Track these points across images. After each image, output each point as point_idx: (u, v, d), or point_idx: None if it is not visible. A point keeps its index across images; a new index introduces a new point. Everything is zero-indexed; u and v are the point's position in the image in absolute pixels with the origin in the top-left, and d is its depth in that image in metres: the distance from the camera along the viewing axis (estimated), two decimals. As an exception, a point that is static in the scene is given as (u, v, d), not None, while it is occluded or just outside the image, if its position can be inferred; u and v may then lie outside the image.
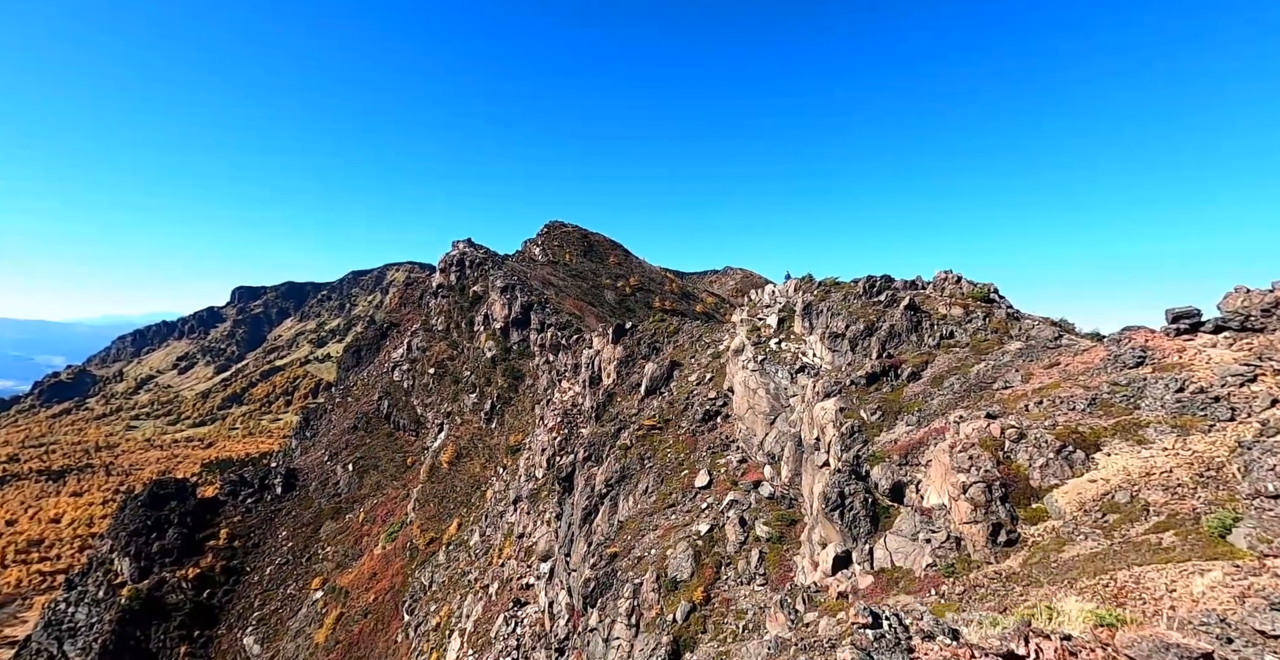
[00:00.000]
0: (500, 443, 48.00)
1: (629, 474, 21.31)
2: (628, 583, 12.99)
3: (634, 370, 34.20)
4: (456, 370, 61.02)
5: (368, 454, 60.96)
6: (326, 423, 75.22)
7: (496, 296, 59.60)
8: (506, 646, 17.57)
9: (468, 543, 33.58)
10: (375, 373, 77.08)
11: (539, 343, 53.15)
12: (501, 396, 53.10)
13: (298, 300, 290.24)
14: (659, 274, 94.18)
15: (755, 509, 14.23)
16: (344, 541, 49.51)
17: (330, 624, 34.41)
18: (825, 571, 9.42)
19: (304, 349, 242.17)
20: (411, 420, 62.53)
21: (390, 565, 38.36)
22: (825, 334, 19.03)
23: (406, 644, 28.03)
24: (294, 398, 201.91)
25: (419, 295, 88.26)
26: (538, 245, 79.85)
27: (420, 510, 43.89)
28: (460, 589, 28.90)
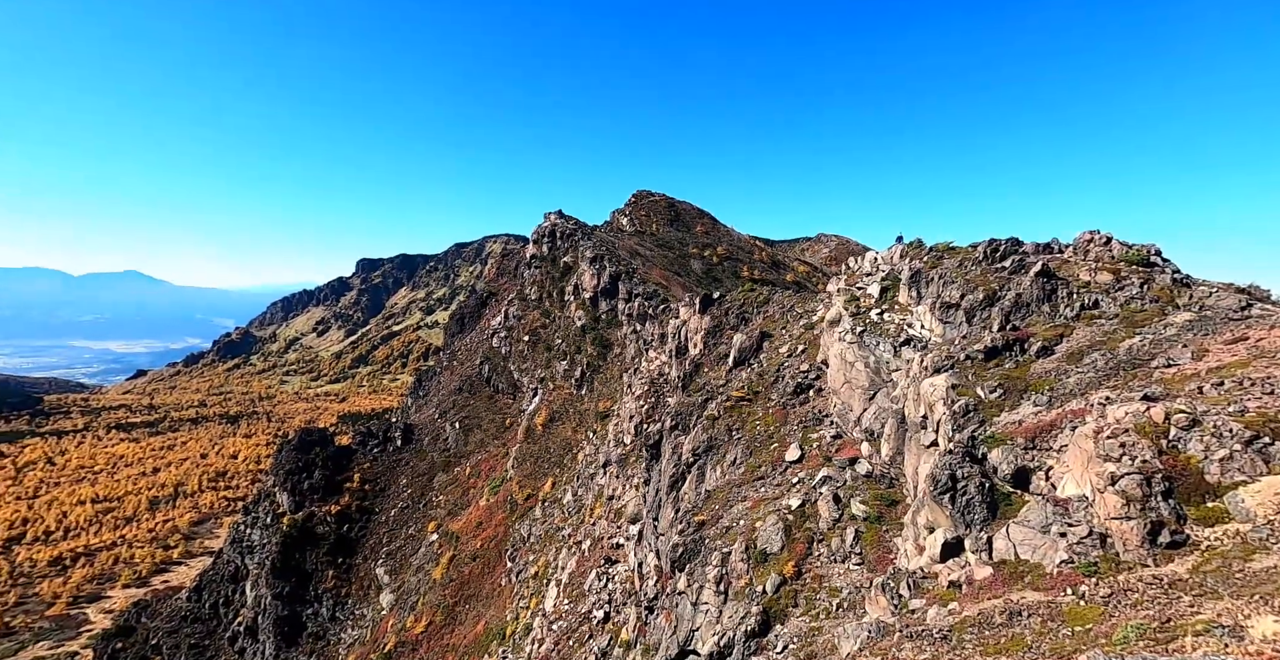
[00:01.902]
0: (590, 408, 49.88)
1: (716, 444, 21.22)
2: (716, 551, 13.04)
3: (721, 341, 33.67)
4: (549, 338, 63.72)
5: (471, 414, 66.00)
6: (436, 384, 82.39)
7: (585, 267, 60.93)
8: (599, 600, 18.60)
9: (561, 501, 35.71)
10: (476, 339, 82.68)
11: (626, 312, 53.94)
12: (591, 364, 54.83)
13: (410, 271, 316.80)
14: (747, 242, 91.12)
15: (851, 486, 13.58)
16: (453, 492, 54.76)
17: (444, 564, 38.61)
18: (933, 557, 8.78)
19: (416, 316, 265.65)
20: (509, 384, 66.66)
21: (493, 516, 41.94)
22: (936, 304, 17.33)
23: (509, 588, 30.77)
24: (409, 360, 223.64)
25: (514, 266, 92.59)
26: (625, 215, 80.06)
27: (518, 468, 47.15)
28: (555, 543, 30.97)
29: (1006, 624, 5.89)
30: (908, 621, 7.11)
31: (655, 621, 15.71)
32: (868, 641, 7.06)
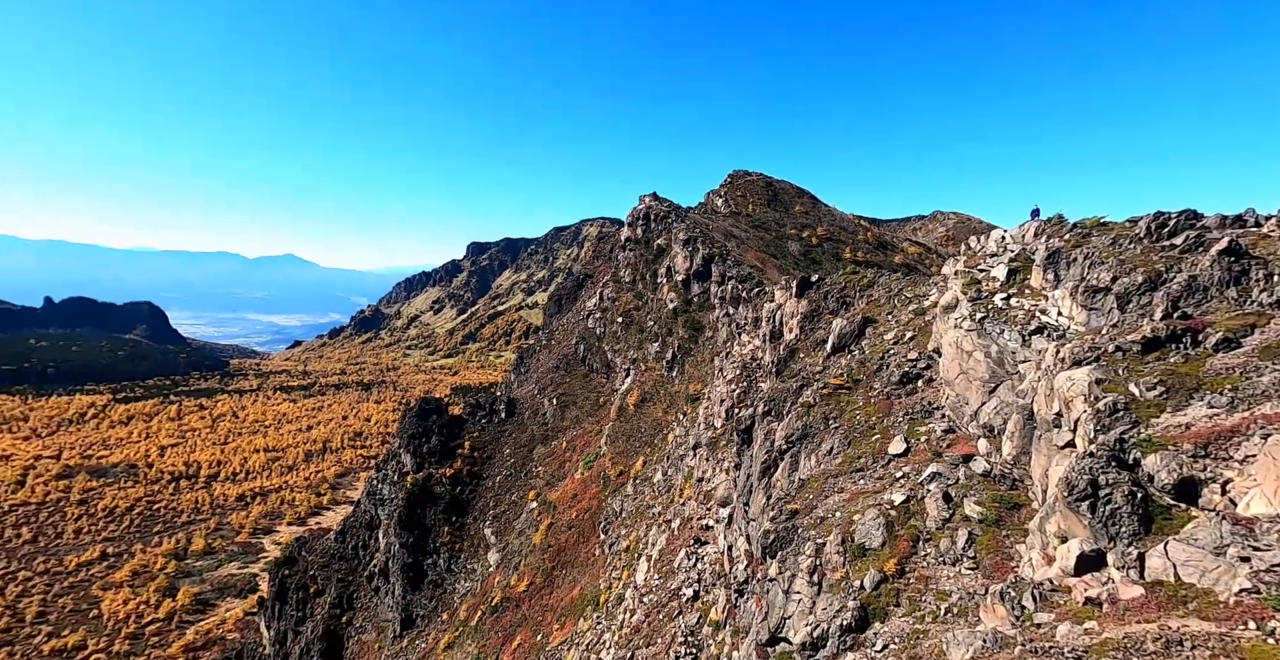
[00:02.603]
0: (681, 390, 50.24)
1: (811, 433, 20.46)
2: (809, 541, 12.68)
3: (819, 326, 32.14)
4: (641, 320, 64.73)
5: (568, 391, 69.17)
6: (535, 362, 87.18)
7: (678, 249, 60.77)
8: (689, 578, 18.95)
9: (651, 479, 36.61)
10: (573, 320, 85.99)
11: (719, 295, 53.21)
12: (682, 347, 55.00)
13: (513, 254, 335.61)
14: (851, 222, 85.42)
15: (964, 485, 12.48)
16: (551, 464, 58.16)
17: (543, 530, 41.41)
18: (1065, 570, 7.84)
19: (518, 297, 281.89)
20: (603, 364, 68.86)
21: (588, 490, 44.08)
22: (1079, 288, 15.14)
23: (603, 558, 32.36)
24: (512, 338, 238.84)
25: (609, 249, 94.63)
26: (720, 196, 78.43)
27: (611, 445, 48.88)
28: (646, 519, 31.92)
29: (1162, 654, 5.12)
30: (1031, 635, 6.44)
31: (745, 605, 15.71)
32: (982, 651, 6.49)
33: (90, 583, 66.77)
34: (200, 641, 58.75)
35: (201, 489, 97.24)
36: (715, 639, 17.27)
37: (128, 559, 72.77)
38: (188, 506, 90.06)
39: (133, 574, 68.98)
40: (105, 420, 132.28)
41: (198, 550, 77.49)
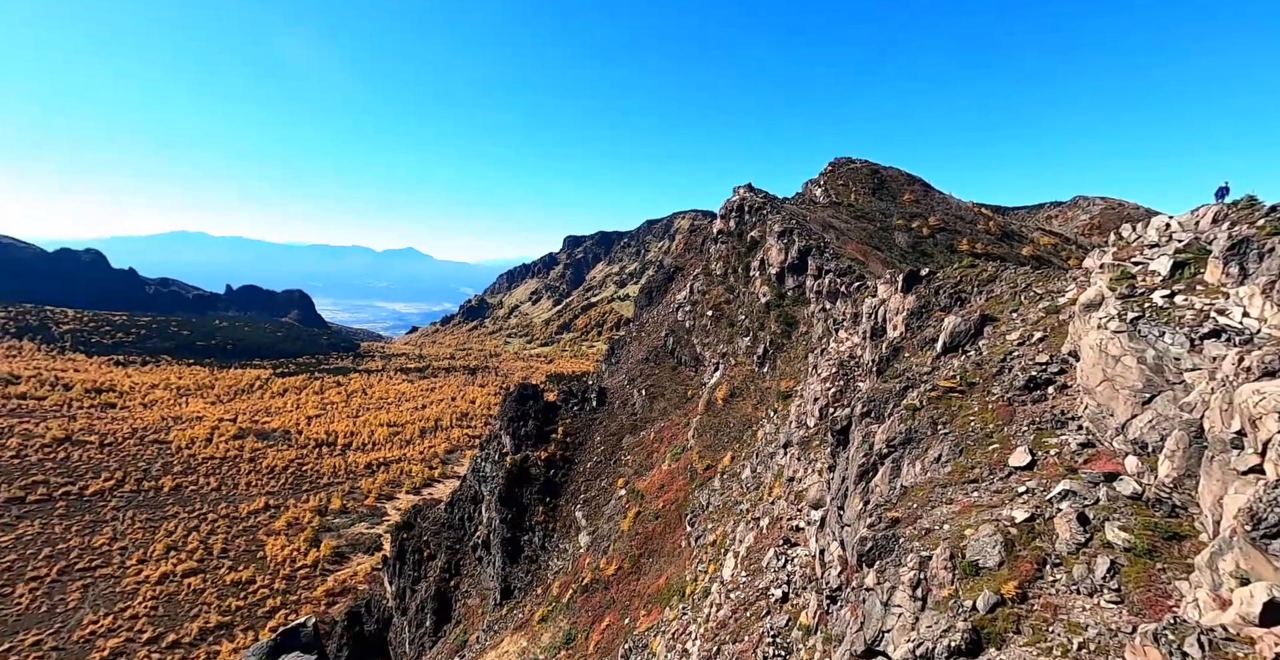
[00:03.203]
0: (772, 386, 48.92)
1: (916, 437, 19.01)
2: (912, 552, 11.85)
3: (928, 323, 29.66)
4: (732, 314, 63.71)
5: (656, 383, 69.98)
6: (626, 353, 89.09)
7: (773, 241, 58.85)
8: (777, 579, 18.54)
9: (739, 475, 36.12)
10: (662, 312, 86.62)
11: (815, 289, 50.86)
12: (774, 342, 53.42)
13: (607, 247, 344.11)
14: (969, 211, 77.47)
15: (1106, 507, 10.96)
16: (639, 453, 59.36)
17: (631, 518, 42.51)
18: (1245, 617, 6.63)
19: (610, 289, 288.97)
20: (691, 357, 68.80)
21: (675, 481, 44.48)
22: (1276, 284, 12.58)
23: (689, 551, 32.60)
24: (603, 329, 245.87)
25: (700, 241, 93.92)
26: (819, 186, 74.59)
27: (698, 439, 48.85)
28: (733, 515, 31.62)
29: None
30: (1193, 688, 5.53)
31: (839, 613, 15.07)
32: (1125, 697, 5.69)
33: (257, 528, 79.23)
34: (338, 588, 67.64)
35: (338, 456, 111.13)
36: (805, 644, 16.75)
37: (283, 511, 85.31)
38: (328, 470, 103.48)
39: (287, 524, 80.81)
40: (267, 391, 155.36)
41: (335, 509, 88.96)
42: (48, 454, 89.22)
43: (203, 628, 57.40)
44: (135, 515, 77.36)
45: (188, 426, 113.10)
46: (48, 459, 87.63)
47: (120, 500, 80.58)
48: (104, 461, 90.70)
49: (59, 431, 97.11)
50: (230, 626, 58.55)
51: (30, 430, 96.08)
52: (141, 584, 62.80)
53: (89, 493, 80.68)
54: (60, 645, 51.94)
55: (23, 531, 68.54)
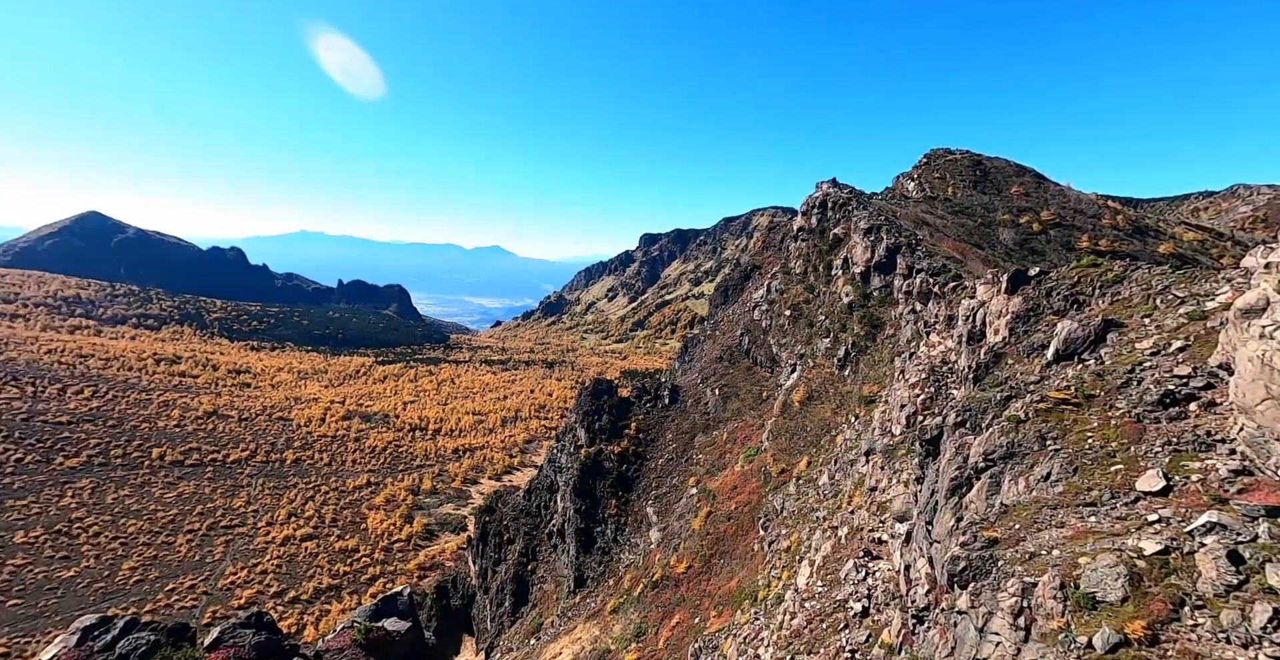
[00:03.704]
0: (853, 391, 46.75)
1: (1019, 452, 17.44)
2: (1014, 577, 10.94)
3: (1037, 328, 27.00)
4: (811, 314, 61.48)
5: (730, 383, 69.11)
6: (699, 351, 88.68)
7: (858, 239, 56.01)
8: (857, 592, 17.79)
9: (816, 482, 34.88)
10: (738, 311, 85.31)
11: (904, 289, 47.81)
12: (856, 344, 50.97)
13: (683, 244, 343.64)
14: (1092, 203, 69.19)
15: (1268, 547, 9.49)
16: (711, 453, 58.98)
17: (702, 517, 42.41)
18: None
19: (685, 287, 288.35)
20: (767, 357, 67.24)
21: (747, 483, 43.78)
22: None
23: (761, 555, 32.02)
24: (677, 327, 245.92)
25: (780, 239, 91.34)
26: (912, 179, 69.79)
27: (773, 441, 47.71)
28: (809, 522, 30.63)
29: None
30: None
31: (926, 634, 14.22)
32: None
33: (360, 503, 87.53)
34: (428, 563, 73.27)
35: (429, 440, 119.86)
36: (886, 663, 15.97)
37: (382, 488, 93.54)
38: (420, 453, 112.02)
39: (386, 500, 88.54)
40: (370, 377, 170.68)
41: (426, 489, 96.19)
42: (200, 425, 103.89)
43: (316, 588, 64.40)
44: (264, 483, 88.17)
45: (306, 406, 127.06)
46: (200, 429, 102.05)
47: (253, 469, 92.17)
48: (241, 434, 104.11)
49: (209, 406, 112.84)
50: (339, 589, 65.22)
51: (188, 403, 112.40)
52: (269, 544, 71.54)
53: (229, 461, 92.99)
54: (209, 590, 60.45)
55: (181, 490, 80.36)
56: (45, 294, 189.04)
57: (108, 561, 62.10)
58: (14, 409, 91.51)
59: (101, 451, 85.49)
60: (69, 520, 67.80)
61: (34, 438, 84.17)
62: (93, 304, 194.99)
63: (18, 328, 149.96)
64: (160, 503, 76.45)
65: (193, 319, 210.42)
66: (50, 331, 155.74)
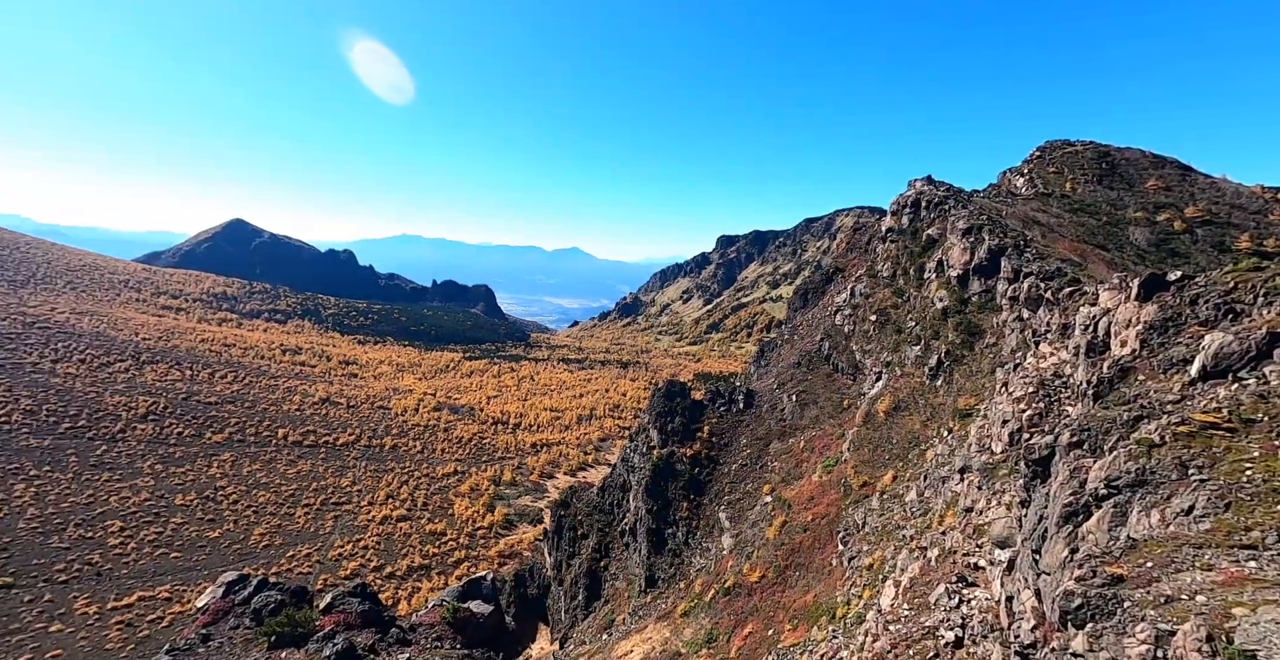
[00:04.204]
0: (945, 403, 43.57)
1: (1152, 480, 15.46)
2: (1144, 622, 9.75)
3: (1176, 340, 23.75)
4: (900, 319, 58.00)
5: (808, 389, 66.76)
6: (776, 356, 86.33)
7: (955, 240, 52.06)
8: (949, 620, 16.59)
9: (903, 498, 32.83)
10: (818, 315, 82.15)
11: (1010, 294, 43.75)
12: (951, 353, 47.45)
13: (761, 246, 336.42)
14: (1256, 197, 59.48)
15: None
16: (787, 461, 57.24)
17: (777, 526, 41.26)
18: None
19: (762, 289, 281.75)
20: (849, 364, 64.24)
21: (825, 494, 42.03)
22: None
23: (840, 570, 30.64)
24: (753, 330, 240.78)
25: (866, 240, 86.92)
26: (1022, 174, 63.54)
27: (854, 452, 45.50)
28: (893, 540, 28.91)
29: None
30: None
31: (1032, 673, 13.01)
32: None
33: (448, 489, 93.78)
34: (507, 551, 77.10)
35: (510, 434, 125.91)
36: (982, 700, 14.76)
37: (467, 477, 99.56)
38: (501, 445, 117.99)
39: (470, 489, 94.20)
40: (458, 372, 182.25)
41: (507, 481, 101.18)
42: (315, 410, 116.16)
43: (409, 566, 69.84)
44: (366, 466, 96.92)
45: (402, 397, 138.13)
46: (315, 414, 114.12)
47: (357, 452, 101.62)
48: (348, 420, 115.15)
49: (323, 393, 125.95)
50: (428, 568, 70.31)
51: (306, 390, 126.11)
52: (370, 522, 78.56)
53: (338, 443, 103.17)
54: (321, 560, 67.47)
55: (300, 468, 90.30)
56: (200, 291, 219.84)
57: (243, 526, 71.11)
58: (177, 389, 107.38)
59: (239, 429, 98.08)
60: (214, 488, 78.39)
61: (190, 415, 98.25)
62: (235, 300, 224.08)
63: (180, 320, 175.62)
64: (284, 477, 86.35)
65: (312, 314, 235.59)
66: (204, 323, 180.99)
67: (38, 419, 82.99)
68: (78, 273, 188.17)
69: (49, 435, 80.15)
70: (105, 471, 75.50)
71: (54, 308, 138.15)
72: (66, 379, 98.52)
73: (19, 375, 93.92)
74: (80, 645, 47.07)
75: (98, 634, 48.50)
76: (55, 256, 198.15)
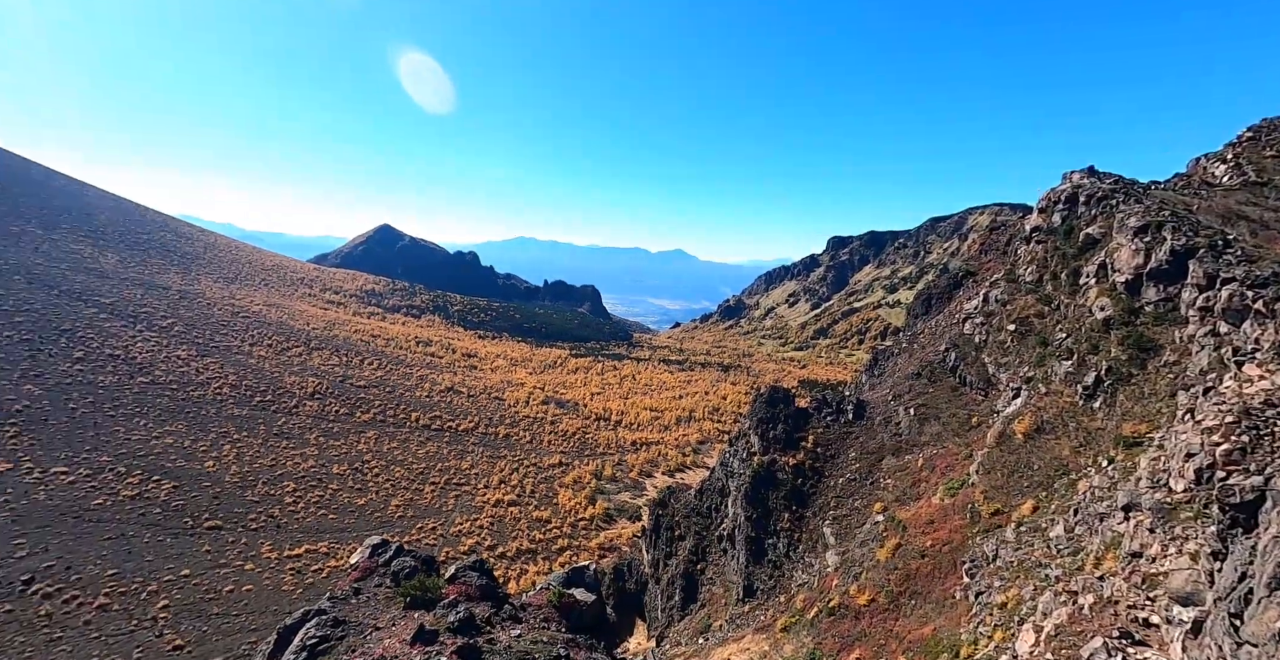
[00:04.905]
0: (1105, 428, 37.81)
1: None
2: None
3: None
4: (1046, 330, 51.31)
5: (929, 403, 61.51)
6: (892, 365, 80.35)
7: (1124, 239, 44.81)
8: (1113, 678, 14.49)
9: (1046, 532, 28.99)
10: (944, 323, 75.27)
11: (1201, 305, 36.68)
12: (1114, 370, 41.05)
13: (877, 248, 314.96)
14: None
15: None
16: (902, 479, 53.07)
17: (889, 548, 38.45)
18: None
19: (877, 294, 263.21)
20: (980, 378, 58.11)
21: (948, 519, 38.36)
22: None
23: (965, 605, 27.84)
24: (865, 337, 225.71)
25: (1005, 241, 77.91)
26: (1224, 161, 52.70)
27: (984, 476, 41.05)
28: (1033, 579, 25.66)
29: None
30: None
31: (1228, 757, 10.99)
32: None
33: (553, 479, 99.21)
34: (607, 544, 79.86)
35: (611, 430, 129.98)
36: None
37: (571, 469, 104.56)
38: (603, 441, 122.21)
39: (573, 481, 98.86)
40: (564, 368, 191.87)
41: (607, 476, 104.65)
42: (441, 397, 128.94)
43: (518, 548, 75.01)
44: (483, 451, 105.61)
45: (515, 389, 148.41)
46: (441, 401, 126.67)
47: (476, 439, 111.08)
48: (468, 408, 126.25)
49: (448, 382, 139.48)
50: (534, 553, 74.99)
51: (435, 379, 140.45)
52: (485, 503, 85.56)
53: (460, 429, 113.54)
54: (444, 534, 74.91)
55: (429, 449, 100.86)
56: (355, 288, 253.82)
57: (382, 496, 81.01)
58: (335, 373, 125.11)
59: (381, 411, 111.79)
60: (361, 461, 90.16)
61: (344, 395, 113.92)
62: (381, 296, 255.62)
63: (340, 313, 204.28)
64: (415, 457, 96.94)
65: (441, 310, 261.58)
66: (357, 316, 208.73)
67: (239, 392, 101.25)
68: (269, 271, 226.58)
69: (246, 406, 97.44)
70: (283, 439, 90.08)
71: (251, 300, 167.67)
72: (259, 360, 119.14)
73: (228, 356, 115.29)
74: (265, 583, 56.69)
75: (276, 576, 58.05)
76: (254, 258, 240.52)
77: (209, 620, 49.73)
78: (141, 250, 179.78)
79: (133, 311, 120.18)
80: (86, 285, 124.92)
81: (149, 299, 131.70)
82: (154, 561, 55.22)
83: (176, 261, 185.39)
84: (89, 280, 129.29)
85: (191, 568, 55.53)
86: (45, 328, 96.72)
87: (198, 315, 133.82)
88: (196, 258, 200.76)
